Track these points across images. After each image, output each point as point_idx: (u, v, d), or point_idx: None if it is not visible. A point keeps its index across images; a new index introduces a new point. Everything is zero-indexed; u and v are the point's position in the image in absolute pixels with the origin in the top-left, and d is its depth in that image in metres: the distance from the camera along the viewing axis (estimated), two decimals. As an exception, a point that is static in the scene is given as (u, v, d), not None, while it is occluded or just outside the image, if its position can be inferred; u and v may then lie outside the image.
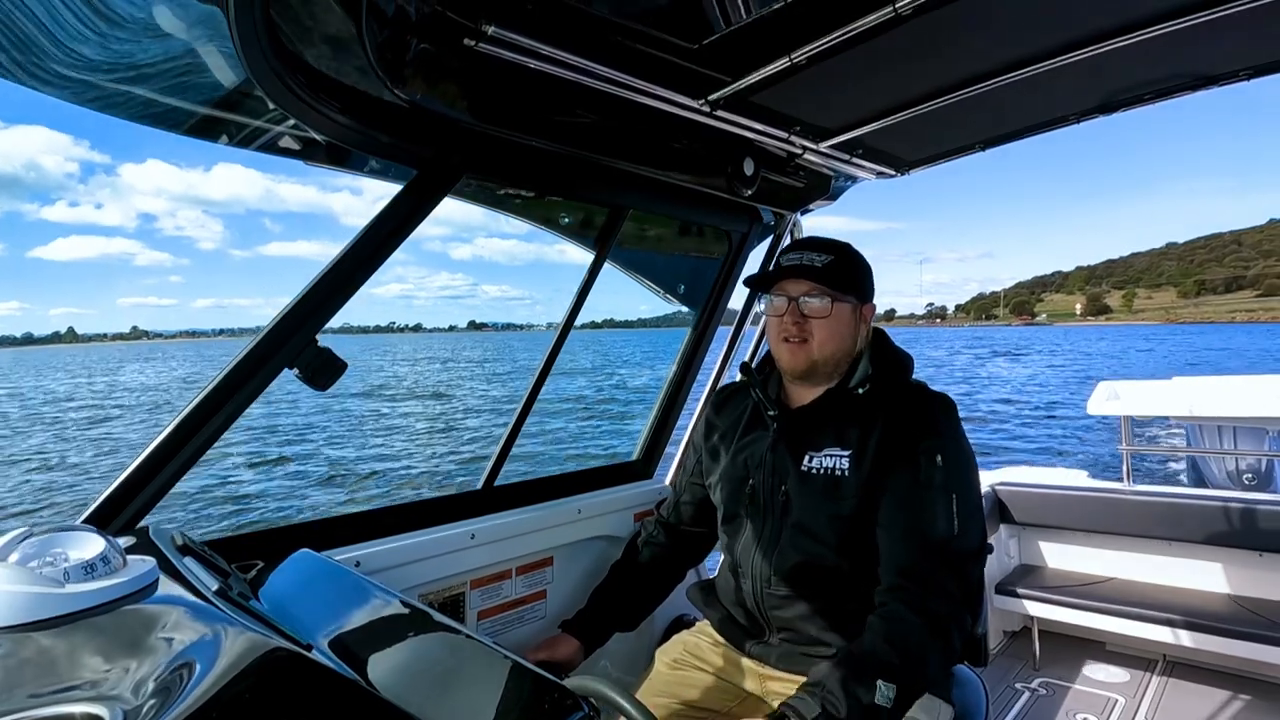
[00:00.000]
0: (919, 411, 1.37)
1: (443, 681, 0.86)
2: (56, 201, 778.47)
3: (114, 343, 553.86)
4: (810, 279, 1.41)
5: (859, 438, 1.37)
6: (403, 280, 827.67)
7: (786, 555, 1.39)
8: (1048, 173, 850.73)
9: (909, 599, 1.24)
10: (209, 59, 1.20)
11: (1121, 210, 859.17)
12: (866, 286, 1.48)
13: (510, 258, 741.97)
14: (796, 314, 1.42)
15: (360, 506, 1.61)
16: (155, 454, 1.22)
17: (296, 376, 1.33)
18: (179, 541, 1.10)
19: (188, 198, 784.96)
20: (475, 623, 1.76)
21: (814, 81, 1.49)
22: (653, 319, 22.49)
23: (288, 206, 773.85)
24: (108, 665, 0.67)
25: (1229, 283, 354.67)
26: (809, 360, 1.42)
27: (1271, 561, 2.88)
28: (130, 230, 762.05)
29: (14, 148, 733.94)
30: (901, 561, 1.28)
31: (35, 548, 0.79)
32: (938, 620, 1.23)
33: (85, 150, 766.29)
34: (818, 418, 1.43)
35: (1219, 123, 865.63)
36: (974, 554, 1.32)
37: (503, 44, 1.21)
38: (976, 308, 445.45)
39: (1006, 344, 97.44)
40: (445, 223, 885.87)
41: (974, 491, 1.34)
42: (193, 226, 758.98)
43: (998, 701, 2.78)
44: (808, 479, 1.39)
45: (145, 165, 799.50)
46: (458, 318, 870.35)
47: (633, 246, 2.31)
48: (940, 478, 1.29)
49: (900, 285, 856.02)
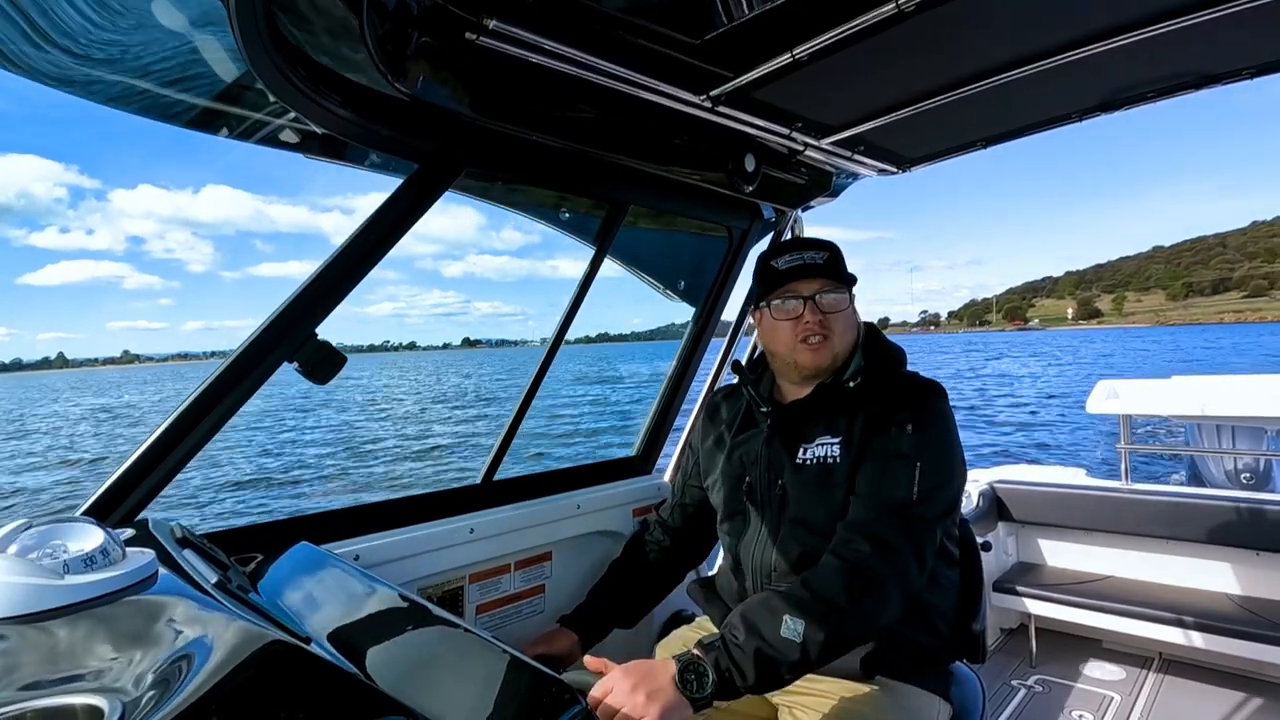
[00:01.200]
0: (904, 393, 1.37)
1: (441, 675, 0.86)
2: (46, 228, 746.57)
3: (104, 367, 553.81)
4: (821, 276, 1.42)
5: (847, 424, 1.37)
6: (395, 299, 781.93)
7: (787, 548, 1.39)
8: (1032, 177, 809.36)
9: (842, 548, 1.23)
10: (210, 52, 1.20)
11: (1107, 215, 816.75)
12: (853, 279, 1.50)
13: (502, 274, 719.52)
14: (816, 311, 1.41)
15: (359, 500, 1.61)
16: (155, 446, 1.22)
17: (296, 370, 1.33)
18: (178, 534, 1.10)
19: (177, 219, 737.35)
20: (474, 617, 1.76)
21: (816, 78, 1.49)
22: (645, 332, 22.46)
23: (278, 227, 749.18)
24: (107, 657, 0.67)
25: (1215, 285, 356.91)
26: (833, 356, 1.42)
27: (1269, 560, 2.89)
28: (119, 253, 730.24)
29: (5, 176, 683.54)
30: (850, 518, 1.28)
31: (35, 539, 0.79)
32: (866, 568, 1.19)
33: (75, 175, 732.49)
34: (809, 411, 1.43)
35: (1197, 127, 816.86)
36: (930, 520, 1.27)
37: (504, 38, 1.21)
38: (969, 314, 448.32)
39: (1014, 347, 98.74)
40: (437, 240, 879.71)
41: (945, 465, 1.31)
42: (182, 249, 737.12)
43: (994, 698, 2.79)
44: (802, 470, 1.39)
45: (135, 190, 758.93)
46: (451, 335, 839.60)
47: (633, 243, 2.31)
48: (907, 445, 1.29)
49: (891, 294, 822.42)
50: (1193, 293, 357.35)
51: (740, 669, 1.10)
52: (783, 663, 1.11)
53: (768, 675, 1.11)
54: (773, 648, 1.11)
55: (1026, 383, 38.96)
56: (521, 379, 2.34)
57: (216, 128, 1.41)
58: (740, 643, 1.11)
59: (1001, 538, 3.42)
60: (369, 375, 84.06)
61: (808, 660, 1.12)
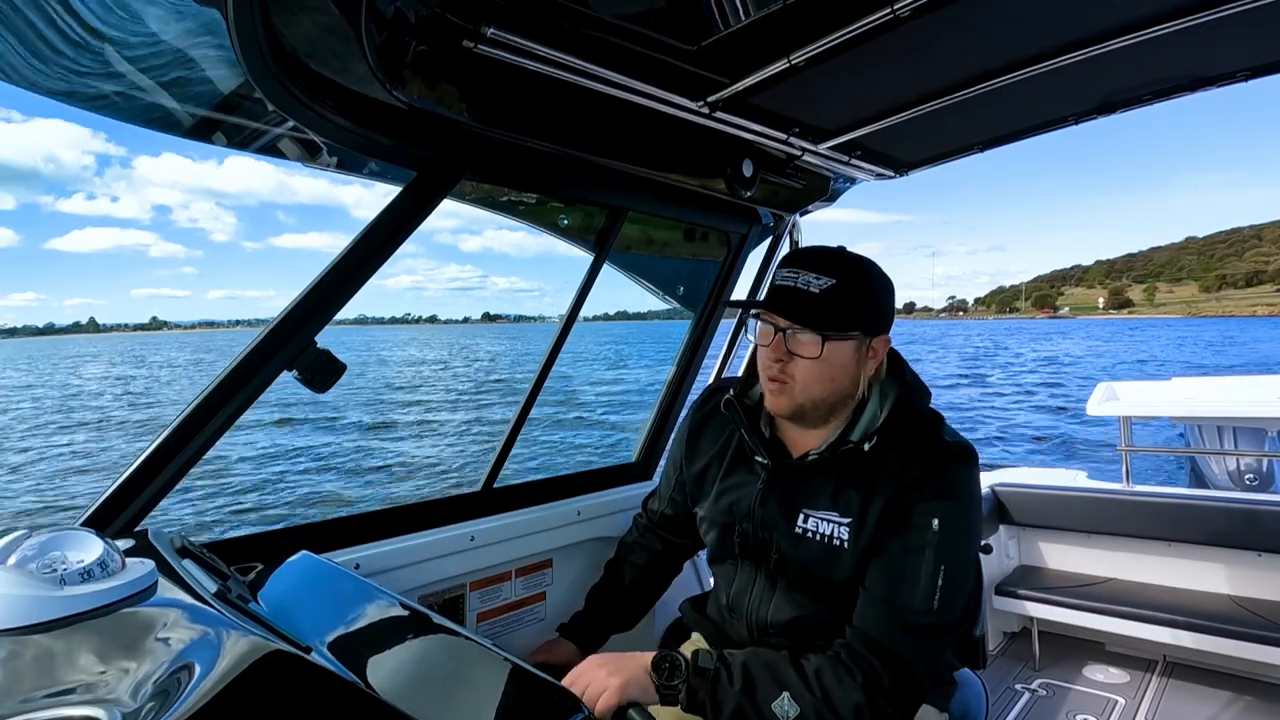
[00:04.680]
0: (929, 468, 1.19)
1: (442, 683, 0.86)
2: (74, 194, 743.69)
3: (134, 333, 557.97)
4: (802, 309, 1.20)
5: (861, 503, 1.21)
6: (413, 272, 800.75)
7: (782, 609, 1.31)
8: (1056, 167, 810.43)
9: (859, 661, 1.15)
10: (208, 62, 1.20)
11: (1137, 204, 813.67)
12: (877, 314, 1.25)
13: (520, 249, 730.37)
14: (781, 350, 1.22)
15: (360, 509, 1.61)
16: (154, 456, 1.21)
17: (296, 378, 1.33)
18: (178, 544, 1.10)
19: (201, 190, 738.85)
20: (475, 625, 1.76)
21: (813, 83, 1.49)
22: (662, 311, 23.22)
23: (299, 199, 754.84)
24: (106, 668, 0.67)
25: (1249, 277, 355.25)
26: (792, 404, 1.24)
27: (1271, 562, 2.88)
28: (145, 222, 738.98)
29: (33, 141, 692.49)
30: (866, 626, 1.18)
31: (33, 550, 0.79)
32: (882, 691, 1.13)
33: (102, 143, 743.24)
34: (814, 474, 1.27)
35: (1229, 117, 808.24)
36: (949, 628, 1.19)
37: (502, 46, 1.21)
38: (998, 301, 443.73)
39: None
40: (455, 215, 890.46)
41: (968, 561, 1.23)
42: (206, 219, 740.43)
43: (997, 703, 2.77)
44: (801, 541, 1.26)
45: (160, 159, 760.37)
46: (470, 309, 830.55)
47: (632, 249, 2.32)
48: (931, 545, 1.16)
49: (911, 279, 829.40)
50: (1226, 285, 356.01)
51: (717, 708, 1.12)
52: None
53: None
54: (757, 713, 1.11)
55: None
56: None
57: (215, 138, 1.41)
58: (729, 689, 1.12)
59: (1003, 541, 3.41)
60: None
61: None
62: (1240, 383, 5.00)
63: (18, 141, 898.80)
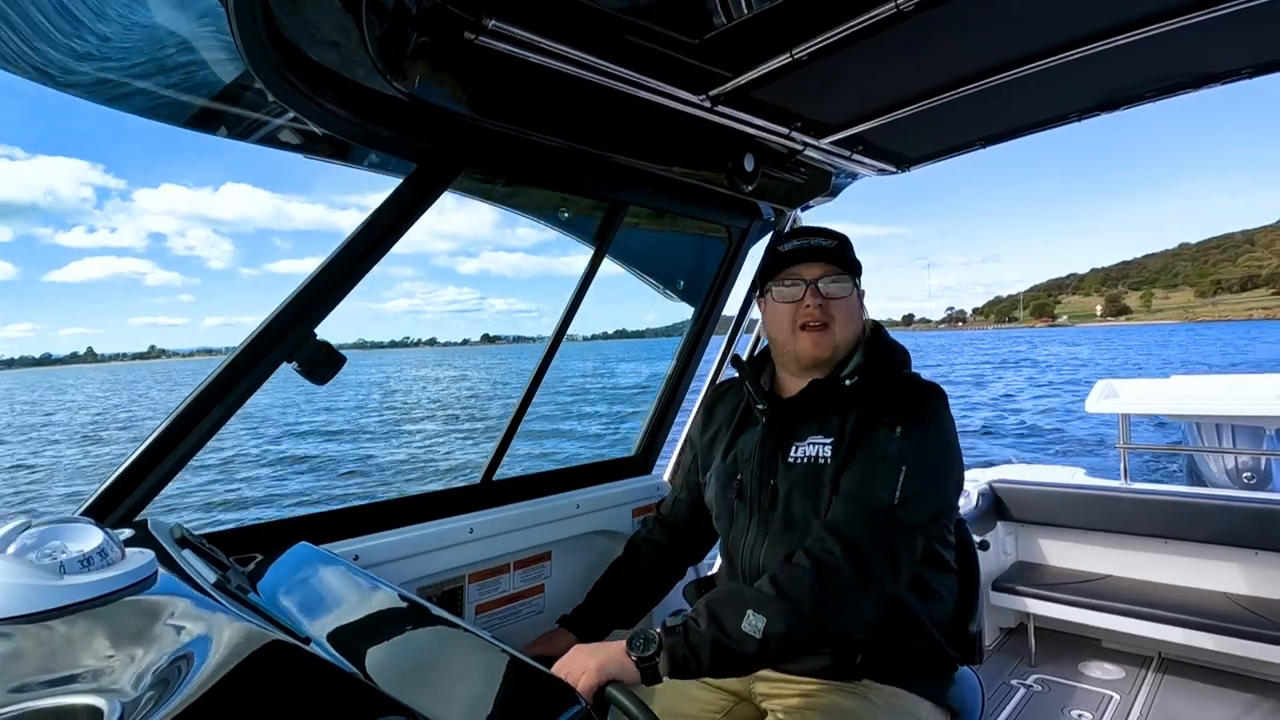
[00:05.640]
0: (900, 395, 1.35)
1: (441, 675, 0.86)
2: (73, 227, 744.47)
3: (133, 362, 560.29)
4: (826, 261, 1.40)
5: (839, 424, 1.35)
6: (410, 295, 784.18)
7: (776, 549, 1.37)
8: (1049, 175, 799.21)
9: (815, 547, 1.21)
10: (209, 52, 1.20)
11: (1130, 212, 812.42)
12: (861, 270, 1.47)
13: (517, 270, 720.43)
14: (817, 296, 1.38)
15: (360, 501, 1.61)
16: (154, 447, 1.22)
17: (295, 370, 1.33)
18: (177, 534, 1.10)
19: (197, 217, 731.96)
20: (473, 616, 1.76)
21: (815, 77, 1.49)
22: (661, 328, 22.87)
23: (296, 225, 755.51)
24: (106, 657, 0.67)
25: (1244, 281, 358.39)
26: (832, 345, 1.39)
27: (1268, 560, 2.89)
28: (141, 250, 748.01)
29: (35, 176, 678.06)
30: (831, 519, 1.26)
31: (33, 540, 0.79)
32: (834, 571, 1.17)
33: (100, 175, 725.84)
34: (805, 407, 1.41)
35: (1221, 121, 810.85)
36: (910, 527, 1.25)
37: (503, 37, 1.21)
38: (996, 311, 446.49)
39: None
40: (452, 237, 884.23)
41: (933, 469, 1.29)
42: (203, 246, 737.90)
43: (993, 698, 2.79)
44: (792, 469, 1.38)
45: (158, 190, 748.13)
46: (469, 331, 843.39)
47: (633, 239, 2.31)
48: (894, 449, 1.26)
49: (907, 290, 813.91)
50: (1221, 289, 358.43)
51: (697, 655, 1.14)
52: (739, 655, 1.14)
53: (724, 664, 1.15)
54: (731, 639, 1.14)
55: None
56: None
57: (216, 128, 1.41)
58: (701, 630, 1.15)
59: (1000, 537, 3.42)
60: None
61: (766, 655, 1.15)
62: (1239, 381, 5.01)
63: (20, 175, 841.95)
